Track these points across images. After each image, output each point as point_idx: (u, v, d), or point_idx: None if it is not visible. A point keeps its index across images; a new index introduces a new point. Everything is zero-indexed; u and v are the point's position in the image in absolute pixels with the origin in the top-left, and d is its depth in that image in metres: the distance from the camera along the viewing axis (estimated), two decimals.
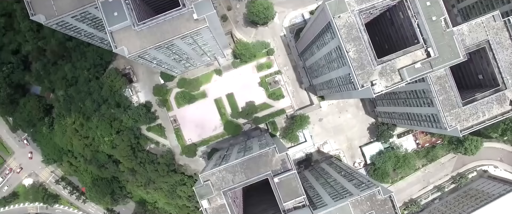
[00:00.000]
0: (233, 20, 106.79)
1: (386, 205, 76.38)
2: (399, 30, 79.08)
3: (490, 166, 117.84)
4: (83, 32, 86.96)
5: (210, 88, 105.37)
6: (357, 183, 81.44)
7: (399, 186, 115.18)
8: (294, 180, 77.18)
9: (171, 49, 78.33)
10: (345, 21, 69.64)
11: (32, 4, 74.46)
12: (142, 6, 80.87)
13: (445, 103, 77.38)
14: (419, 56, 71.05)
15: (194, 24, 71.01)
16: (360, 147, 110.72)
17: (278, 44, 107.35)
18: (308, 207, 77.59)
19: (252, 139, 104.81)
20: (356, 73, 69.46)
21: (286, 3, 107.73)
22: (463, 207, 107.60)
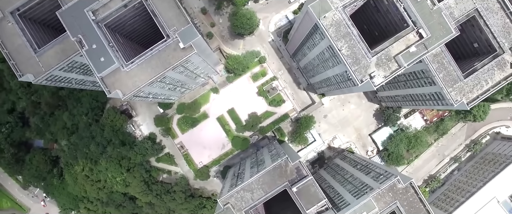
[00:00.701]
0: (219, 35, 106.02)
1: (408, 192, 75.86)
2: (386, 16, 78.20)
3: (502, 127, 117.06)
4: (73, 80, 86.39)
5: (210, 108, 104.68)
6: (375, 176, 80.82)
7: (415, 165, 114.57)
8: (312, 186, 76.71)
9: (164, 81, 77.61)
10: (331, 20, 68.84)
11: (18, 65, 73.85)
12: (127, 44, 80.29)
13: (446, 79, 76.58)
14: (412, 40, 70.17)
15: (182, 53, 70.24)
16: (369, 135, 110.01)
17: (268, 51, 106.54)
18: (332, 209, 77.23)
19: (262, 149, 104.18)
20: (353, 70, 68.70)
21: (268, 8, 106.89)
22: (484, 174, 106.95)
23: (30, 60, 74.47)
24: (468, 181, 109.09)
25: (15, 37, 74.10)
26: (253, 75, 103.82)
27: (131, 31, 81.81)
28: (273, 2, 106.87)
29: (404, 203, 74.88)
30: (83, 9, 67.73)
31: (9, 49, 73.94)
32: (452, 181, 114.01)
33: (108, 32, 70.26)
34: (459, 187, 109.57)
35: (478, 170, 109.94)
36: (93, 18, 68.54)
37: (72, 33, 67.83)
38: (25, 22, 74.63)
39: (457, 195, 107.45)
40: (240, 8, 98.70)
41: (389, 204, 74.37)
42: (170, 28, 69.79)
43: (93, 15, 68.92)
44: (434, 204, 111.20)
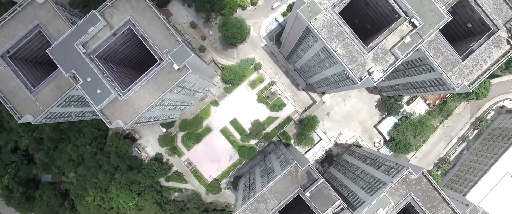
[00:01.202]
0: (211, 47, 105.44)
1: (422, 182, 75.51)
2: (376, 9, 77.50)
3: (505, 100, 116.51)
4: (73, 114, 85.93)
5: (212, 121, 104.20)
6: (386, 169, 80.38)
7: (424, 150, 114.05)
8: (325, 188, 76.46)
9: (163, 104, 77.13)
10: (322, 21, 68.24)
11: (15, 108, 73.41)
12: (121, 71, 79.76)
13: (444, 64, 75.94)
14: (406, 30, 69.52)
15: (177, 74, 69.77)
16: (374, 127, 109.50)
17: (262, 56, 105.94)
18: (347, 209, 76.82)
19: (269, 155, 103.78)
20: (350, 68, 68.11)
21: (256, 13, 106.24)
22: (493, 150, 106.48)
23: (27, 101, 74.06)
24: (478, 160, 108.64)
25: (9, 80, 73.64)
26: (251, 83, 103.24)
27: (123, 57, 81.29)
28: (261, 7, 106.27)
29: (418, 193, 74.56)
30: (72, 43, 67.21)
31: (4, 93, 73.49)
32: (463, 161, 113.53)
33: (101, 63, 69.75)
34: (470, 167, 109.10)
35: (487, 147, 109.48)
36: (84, 51, 68.06)
37: (65, 69, 67.28)
38: (17, 63, 74.11)
39: (470, 174, 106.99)
40: (229, 18, 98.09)
41: (404, 196, 74.07)
42: (162, 50, 69.39)
43: (84, 48, 68.46)
44: (448, 187, 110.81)
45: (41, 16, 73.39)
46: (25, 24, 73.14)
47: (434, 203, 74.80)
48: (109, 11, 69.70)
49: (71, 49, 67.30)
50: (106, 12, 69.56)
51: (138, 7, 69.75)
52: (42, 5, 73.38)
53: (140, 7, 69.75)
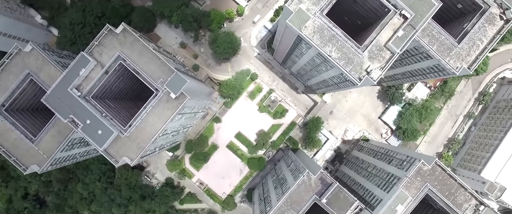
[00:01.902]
0: (205, 65, 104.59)
1: (436, 171, 74.74)
2: (364, 5, 76.54)
3: (505, 71, 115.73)
4: (77, 155, 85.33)
5: (217, 138, 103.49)
6: (398, 163, 79.70)
7: (431, 133, 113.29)
8: (340, 192, 75.82)
9: (166, 133, 76.42)
10: (313, 28, 67.38)
11: (20, 160, 72.96)
12: (119, 106, 79.03)
13: (441, 50, 74.88)
14: (398, 23, 68.63)
15: (175, 102, 68.98)
16: (379, 118, 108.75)
17: (257, 65, 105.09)
18: (366, 209, 76.24)
19: (279, 163, 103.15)
20: (348, 70, 67.25)
21: (244, 23, 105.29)
22: (501, 123, 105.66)
23: (30, 151, 73.52)
24: (487, 135, 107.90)
25: (8, 133, 73.08)
26: (250, 94, 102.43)
27: (119, 91, 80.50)
28: (248, 16, 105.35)
29: (434, 183, 73.81)
30: (66, 88, 66.38)
31: (6, 147, 72.96)
32: (472, 138, 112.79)
33: (97, 103, 68.97)
34: (481, 143, 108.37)
35: (494, 121, 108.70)
36: (78, 94, 67.23)
37: (62, 115, 66.49)
38: (14, 115, 73.47)
39: (481, 151, 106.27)
40: (218, 33, 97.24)
41: (421, 188, 73.27)
42: (156, 81, 68.55)
43: (78, 91, 67.61)
44: (461, 166, 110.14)
45: (30, 64, 72.73)
46: (16, 75, 72.49)
47: (452, 190, 74.05)
48: (97, 50, 68.83)
49: (65, 94, 66.48)
50: (95, 51, 68.71)
51: (126, 41, 68.86)
52: (30, 53, 72.78)
53: (127, 41, 68.85)
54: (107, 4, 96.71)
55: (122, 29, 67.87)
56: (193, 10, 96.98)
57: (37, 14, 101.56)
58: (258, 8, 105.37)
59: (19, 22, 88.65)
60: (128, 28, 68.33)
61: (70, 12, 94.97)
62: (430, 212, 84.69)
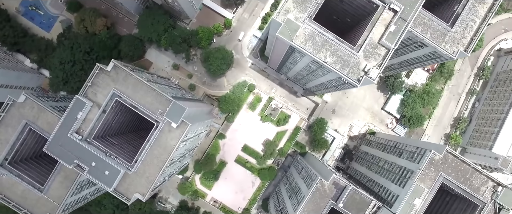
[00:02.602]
0: (201, 83, 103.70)
1: (448, 159, 73.97)
2: (351, 4, 75.66)
3: (501, 42, 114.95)
4: (88, 195, 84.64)
5: (224, 154, 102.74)
6: (409, 156, 78.98)
7: (436, 115, 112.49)
8: (356, 193, 75.20)
9: (173, 161, 75.70)
10: (304, 36, 66.54)
11: (31, 211, 72.37)
12: (122, 141, 78.24)
13: (435, 36, 74.19)
14: (388, 18, 67.77)
15: (178, 130, 68.01)
16: (382, 109, 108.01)
17: (253, 75, 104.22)
18: (384, 207, 75.61)
19: (290, 170, 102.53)
20: (345, 74, 66.41)
21: (233, 35, 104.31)
22: (504, 95, 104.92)
23: (40, 201, 72.73)
24: (493, 109, 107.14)
25: (15, 185, 72.30)
26: (250, 106, 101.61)
27: (119, 126, 79.69)
28: (236, 28, 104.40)
29: (448, 171, 73.12)
30: (66, 134, 65.49)
31: (15, 200, 72.23)
32: (477, 114, 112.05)
33: (100, 144, 68.18)
34: (487, 118, 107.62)
35: (497, 94, 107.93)
36: (79, 138, 66.34)
37: (67, 161, 65.61)
38: (18, 167, 72.65)
39: (489, 126, 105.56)
40: (209, 50, 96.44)
41: (435, 179, 72.60)
42: (155, 113, 67.60)
43: (79, 135, 66.71)
44: (471, 144, 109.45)
45: (26, 114, 71.85)
46: (14, 127, 71.63)
47: (467, 176, 73.37)
48: (91, 90, 67.92)
49: (66, 140, 65.59)
50: (89, 92, 67.79)
51: (119, 78, 67.90)
52: (25, 103, 71.83)
53: (120, 77, 67.89)
54: (93, 38, 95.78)
55: (112, 66, 66.90)
56: (180, 31, 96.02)
57: (25, 58, 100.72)
58: (245, 18, 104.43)
59: (8, 71, 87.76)
60: (119, 64, 67.39)
61: (58, 52, 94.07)
62: (447, 198, 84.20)
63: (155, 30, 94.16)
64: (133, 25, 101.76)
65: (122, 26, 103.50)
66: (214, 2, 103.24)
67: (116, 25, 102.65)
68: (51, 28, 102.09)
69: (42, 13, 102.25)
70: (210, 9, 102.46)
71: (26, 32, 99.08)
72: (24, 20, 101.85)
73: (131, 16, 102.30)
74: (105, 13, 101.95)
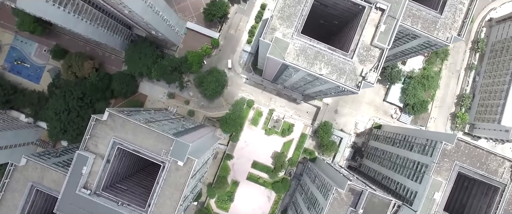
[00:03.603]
0: (199, 107, 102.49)
1: (461, 147, 72.80)
2: (336, 7, 74.26)
3: (491, 12, 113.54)
4: None
5: (235, 174, 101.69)
6: (420, 149, 77.87)
7: (439, 96, 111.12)
8: (374, 196, 74.16)
9: (185, 197, 74.69)
10: (295, 51, 65.21)
11: None
12: (131, 185, 77.26)
13: (426, 26, 72.84)
14: (376, 18, 66.40)
15: (185, 167, 66.97)
16: (384, 101, 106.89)
17: (249, 90, 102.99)
18: (404, 205, 74.63)
19: (303, 178, 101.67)
20: (343, 82, 65.14)
21: (223, 54, 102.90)
22: (504, 65, 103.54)
23: None
24: (494, 81, 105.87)
25: None
26: (252, 121, 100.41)
27: (126, 170, 78.70)
28: (224, 46, 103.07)
29: (462, 158, 72.05)
30: (74, 191, 64.67)
31: None
32: (480, 88, 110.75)
33: (110, 194, 67.33)
34: (490, 91, 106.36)
35: (496, 65, 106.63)
36: (88, 193, 65.47)
37: None
38: None
39: (493, 99, 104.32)
40: (201, 74, 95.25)
41: (451, 169, 71.52)
42: (160, 153, 66.55)
43: (87, 190, 65.84)
44: (478, 119, 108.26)
45: (31, 176, 70.96)
46: (20, 191, 70.77)
47: (482, 160, 72.28)
48: (91, 142, 66.92)
49: (75, 197, 64.78)
50: (89, 144, 66.81)
51: (116, 125, 66.81)
52: (27, 166, 70.94)
53: (117, 124, 66.79)
54: (84, 83, 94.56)
55: (108, 114, 65.95)
56: (169, 60, 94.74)
57: (20, 114, 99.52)
58: (232, 34, 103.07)
59: (5, 132, 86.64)
60: (114, 112, 66.35)
61: (51, 102, 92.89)
62: (466, 183, 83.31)
63: (144, 64, 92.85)
64: (121, 62, 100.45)
65: (110, 65, 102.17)
66: (197, 24, 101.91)
67: (104, 65, 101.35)
68: (40, 79, 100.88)
69: (28, 66, 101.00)
70: (195, 32, 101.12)
71: (16, 88, 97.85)
72: (11, 76, 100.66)
73: (117, 52, 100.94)
74: (91, 54, 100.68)
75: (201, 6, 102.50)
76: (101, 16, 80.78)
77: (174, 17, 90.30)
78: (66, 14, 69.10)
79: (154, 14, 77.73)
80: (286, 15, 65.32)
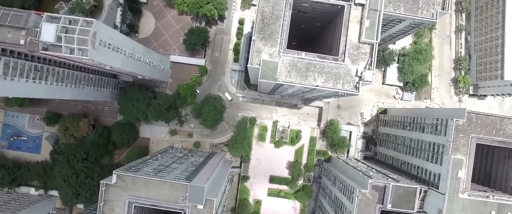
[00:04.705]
0: (203, 137, 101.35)
1: (472, 119, 71.36)
2: (315, 12, 72.88)
3: None
4: None
5: (255, 193, 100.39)
6: (432, 130, 76.48)
7: (435, 66, 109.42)
8: (398, 188, 73.28)
9: None
10: (285, 68, 63.98)
11: None
12: None
13: (408, 7, 71.55)
14: (358, 14, 65.24)
15: (206, 209, 65.87)
16: (383, 84, 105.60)
17: (249, 108, 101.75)
18: (431, 189, 73.39)
19: (322, 181, 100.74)
20: (340, 87, 63.87)
21: (213, 80, 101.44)
22: (492, 20, 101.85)
23: None
24: (487, 38, 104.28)
25: None
26: (259, 137, 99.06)
27: None
28: (213, 70, 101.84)
29: (477, 130, 70.50)
30: None
31: None
32: (474, 47, 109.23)
33: None
34: (485, 48, 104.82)
35: (485, 21, 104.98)
36: None
37: None
38: None
39: (490, 56, 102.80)
40: (197, 105, 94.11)
41: (468, 143, 70.12)
42: (177, 202, 65.50)
43: None
44: (481, 79, 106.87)
45: None
46: None
47: (497, 126, 70.76)
48: (107, 207, 65.94)
49: None
50: (105, 210, 65.86)
51: (127, 184, 65.77)
52: None
53: (128, 183, 65.77)
54: (85, 142, 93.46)
55: (116, 177, 64.96)
56: (162, 99, 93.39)
57: (29, 188, 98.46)
58: (217, 57, 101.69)
59: (19, 212, 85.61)
60: (121, 172, 65.43)
61: (57, 170, 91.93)
62: (485, 150, 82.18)
63: (139, 109, 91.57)
64: (115, 112, 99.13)
65: (105, 117, 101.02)
66: (181, 55, 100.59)
67: (100, 119, 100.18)
68: (40, 149, 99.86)
69: (25, 138, 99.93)
70: (180, 63, 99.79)
71: (19, 164, 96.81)
72: (11, 152, 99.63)
73: (109, 103, 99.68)
74: (84, 111, 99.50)
75: (180, 36, 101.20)
76: (84, 76, 79.42)
77: (156, 56, 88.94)
78: (49, 86, 67.79)
79: (136, 62, 76.42)
80: (268, 34, 63.99)
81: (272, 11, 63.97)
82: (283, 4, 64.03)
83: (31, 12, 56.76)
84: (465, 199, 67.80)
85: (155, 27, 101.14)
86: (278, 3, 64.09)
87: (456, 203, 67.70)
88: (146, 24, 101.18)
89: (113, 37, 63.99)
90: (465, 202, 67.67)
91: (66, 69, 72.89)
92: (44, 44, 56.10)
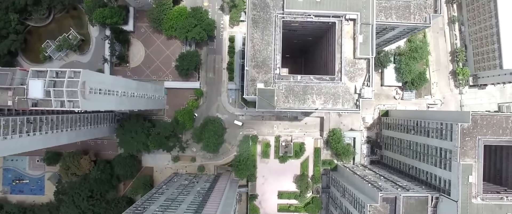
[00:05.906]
0: (206, 159, 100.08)
1: (477, 121, 69.92)
2: (305, 29, 71.36)
3: None
4: None
5: (264, 211, 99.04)
6: (437, 134, 75.09)
7: (433, 61, 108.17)
8: (409, 198, 71.99)
9: None
10: (282, 94, 62.70)
11: None
12: None
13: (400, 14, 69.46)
14: (350, 29, 63.95)
15: None
16: (382, 86, 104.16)
17: (250, 125, 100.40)
18: (442, 196, 72.28)
19: (331, 190, 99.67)
20: (340, 107, 62.57)
21: (209, 101, 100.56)
22: (485, 8, 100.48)
23: None
24: (481, 27, 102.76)
25: None
26: (263, 155, 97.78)
27: None
28: (209, 92, 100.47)
29: (483, 131, 69.13)
30: None
31: None
32: (469, 38, 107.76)
33: None
34: (481, 38, 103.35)
35: (477, 10, 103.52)
36: None
37: None
38: None
39: (487, 46, 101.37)
40: (197, 131, 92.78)
41: (476, 145, 68.85)
42: None
43: None
44: (480, 69, 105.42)
45: None
46: None
47: (503, 125, 69.46)
48: None
49: None
50: None
51: None
52: None
53: None
54: (88, 180, 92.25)
55: None
56: (161, 128, 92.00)
57: None
58: (212, 78, 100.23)
59: None
60: None
61: (63, 210, 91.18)
62: (493, 148, 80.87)
63: (138, 141, 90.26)
64: (115, 145, 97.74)
65: (106, 150, 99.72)
66: (175, 80, 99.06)
67: (100, 153, 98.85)
68: (43, 190, 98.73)
69: (27, 181, 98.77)
70: (175, 89, 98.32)
71: (24, 209, 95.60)
72: (15, 197, 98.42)
73: (109, 137, 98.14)
74: (83, 148, 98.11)
75: (172, 61, 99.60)
76: (79, 117, 77.95)
77: (149, 87, 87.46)
78: (44, 136, 66.44)
79: (130, 99, 74.96)
80: (260, 61, 62.57)
81: (262, 37, 62.51)
82: (273, 28, 62.55)
83: (15, 69, 55.30)
84: (479, 204, 66.67)
85: (145, 54, 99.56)
86: (267, 27, 62.60)
87: (470, 209, 66.55)
88: (136, 52, 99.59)
89: (103, 81, 62.55)
90: (479, 207, 66.50)
91: (60, 114, 71.45)
92: (33, 100, 54.71)
